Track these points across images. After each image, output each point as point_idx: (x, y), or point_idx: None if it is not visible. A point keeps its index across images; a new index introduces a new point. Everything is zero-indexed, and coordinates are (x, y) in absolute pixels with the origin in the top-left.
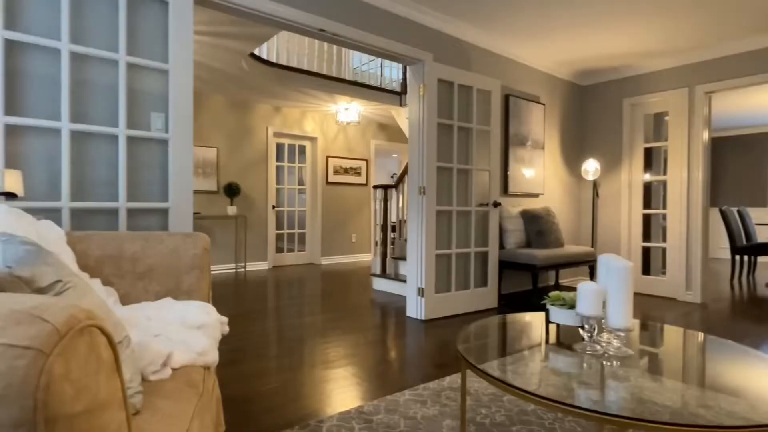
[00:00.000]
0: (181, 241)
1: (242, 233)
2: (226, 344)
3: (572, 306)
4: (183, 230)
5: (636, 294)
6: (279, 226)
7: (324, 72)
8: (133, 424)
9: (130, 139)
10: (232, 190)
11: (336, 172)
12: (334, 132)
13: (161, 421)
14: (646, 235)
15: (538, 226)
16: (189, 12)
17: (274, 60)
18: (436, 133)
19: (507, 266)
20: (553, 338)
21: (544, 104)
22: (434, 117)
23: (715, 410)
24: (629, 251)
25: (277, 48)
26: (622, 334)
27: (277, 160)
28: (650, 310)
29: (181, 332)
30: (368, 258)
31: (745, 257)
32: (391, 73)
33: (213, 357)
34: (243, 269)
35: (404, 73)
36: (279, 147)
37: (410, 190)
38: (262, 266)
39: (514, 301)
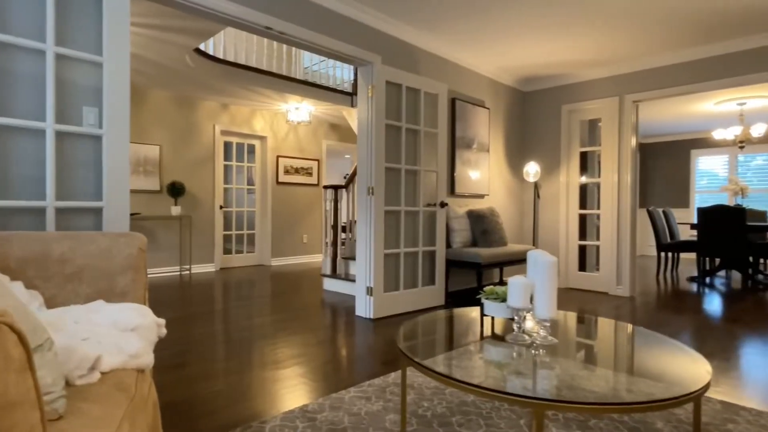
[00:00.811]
0: (115, 240)
1: (187, 234)
2: (168, 348)
3: (504, 299)
4: (119, 230)
5: (573, 289)
6: (227, 226)
7: (274, 70)
8: (55, 427)
9: (60, 135)
10: (176, 190)
11: (287, 172)
12: (285, 131)
13: (86, 425)
14: (582, 234)
15: (483, 226)
16: (125, 2)
17: (221, 56)
18: (384, 134)
19: (454, 264)
20: (488, 330)
21: (488, 108)
22: (383, 118)
23: (626, 389)
24: (567, 249)
25: (224, 44)
26: (548, 324)
27: (225, 159)
28: (585, 304)
29: (112, 335)
30: (320, 259)
31: (670, 254)
32: (343, 74)
33: (147, 360)
34: (188, 271)
35: (356, 74)
36: (227, 145)
37: (359, 191)
38: (209, 268)
39: (461, 298)
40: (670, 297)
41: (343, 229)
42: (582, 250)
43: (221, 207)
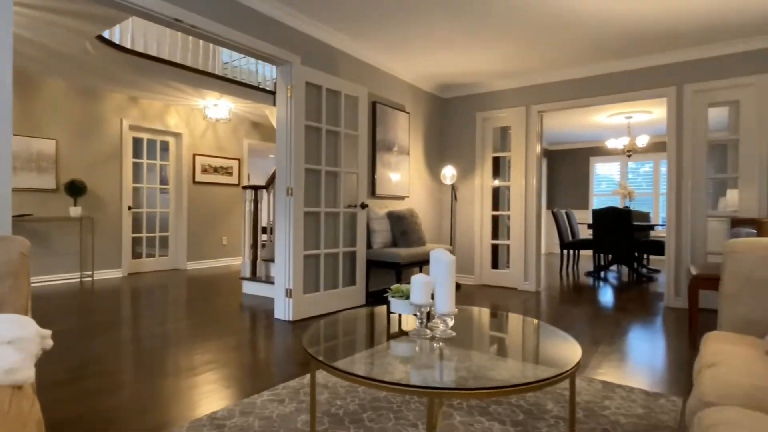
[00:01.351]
0: None
1: (89, 237)
2: (63, 361)
3: (409, 297)
4: None
5: (486, 286)
6: (137, 228)
7: (189, 64)
8: None
9: None
10: (75, 189)
11: (204, 171)
12: (202, 128)
13: None
14: (495, 234)
15: (402, 227)
16: None
17: (128, 46)
18: (304, 135)
19: (374, 265)
20: (395, 327)
21: (409, 113)
22: (302, 119)
23: (510, 374)
24: (481, 248)
25: (132, 32)
26: (447, 318)
27: (135, 156)
28: (495, 299)
29: None
30: (241, 261)
31: (571, 251)
32: (265, 71)
33: (26, 375)
34: (90, 278)
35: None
36: (137, 142)
37: (278, 192)
38: (115, 274)
39: (381, 298)
40: (570, 290)
41: (264, 231)
42: (495, 248)
43: (130, 208)
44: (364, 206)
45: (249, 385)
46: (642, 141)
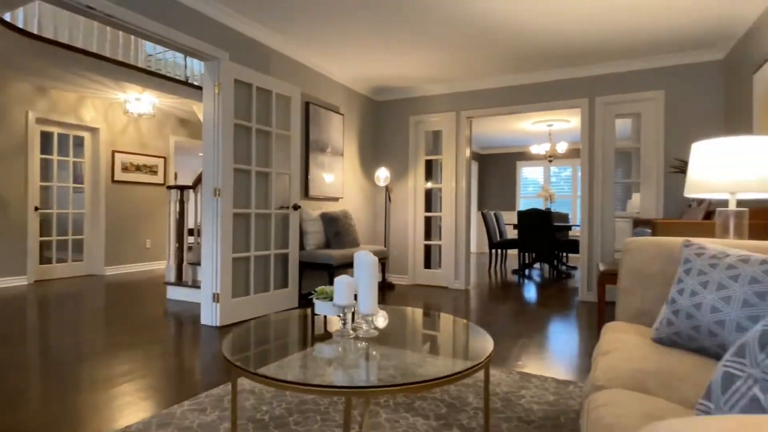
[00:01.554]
0: None
1: None
2: None
3: (332, 298)
4: None
5: (419, 285)
6: (46, 231)
7: (107, 54)
8: None
9: None
10: None
11: (125, 169)
12: (123, 123)
13: None
14: (428, 235)
15: (336, 228)
16: None
17: (34, 31)
18: (232, 134)
19: (307, 266)
20: (321, 329)
21: (343, 114)
22: (231, 117)
23: (427, 370)
24: (414, 248)
25: (39, 16)
26: (369, 318)
27: (43, 152)
28: (427, 298)
29: None
30: (165, 265)
31: (499, 251)
32: (193, 65)
33: None
34: None
35: None
36: (45, 137)
37: (205, 192)
38: (19, 281)
39: None
40: (497, 288)
41: (191, 233)
42: (427, 249)
43: (37, 208)
44: (296, 207)
45: (169, 395)
46: (561, 147)
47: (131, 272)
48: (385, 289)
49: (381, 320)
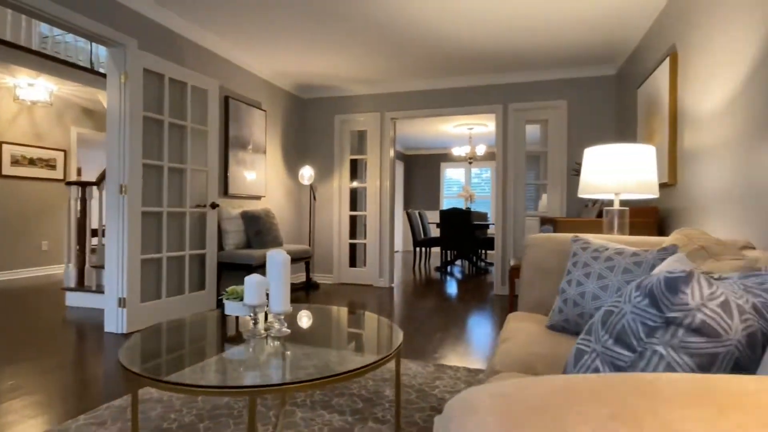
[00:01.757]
0: None
1: None
2: None
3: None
4: None
5: (344, 284)
6: None
7: None
8: None
9: None
10: None
11: (16, 162)
12: (13, 112)
13: None
14: (353, 233)
15: (257, 227)
16: None
17: None
18: (141, 127)
19: (227, 267)
20: (233, 330)
21: (265, 111)
22: (139, 109)
23: (339, 364)
24: (339, 247)
25: None
26: (281, 317)
27: None
28: (351, 296)
29: None
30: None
31: (424, 249)
32: (98, 50)
33: None
34: None
35: None
36: None
37: (109, 189)
38: None
39: None
40: (420, 284)
41: (95, 234)
42: (352, 247)
43: None
44: (214, 206)
45: (64, 410)
46: (481, 150)
47: (24, 278)
48: (309, 289)
49: (305, 320)
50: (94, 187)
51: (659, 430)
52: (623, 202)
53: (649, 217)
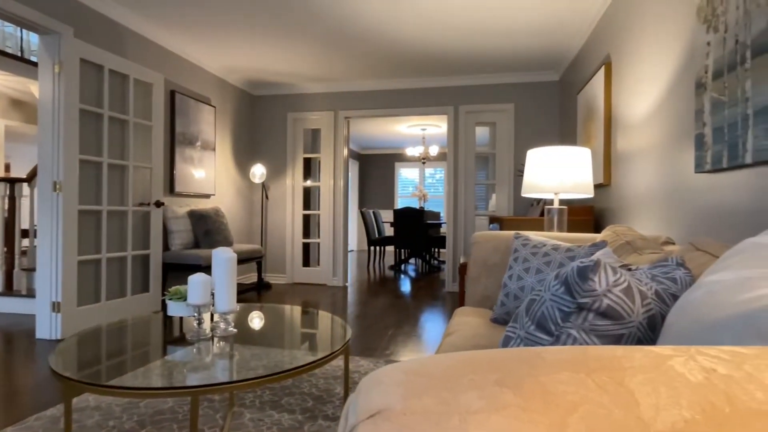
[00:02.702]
0: None
1: None
2: None
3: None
4: None
5: (298, 284)
6: None
7: None
8: None
9: None
10: None
11: None
12: None
13: None
14: (306, 233)
15: (206, 226)
16: None
17: None
18: (78, 120)
19: (174, 268)
20: (177, 331)
21: (215, 107)
22: (76, 101)
23: (288, 361)
24: (293, 247)
25: None
26: (227, 316)
27: None
28: (305, 296)
29: None
30: None
31: (378, 247)
32: (30, 37)
33: None
34: None
35: None
36: None
37: (42, 186)
38: None
39: None
40: (374, 283)
41: (26, 234)
42: (306, 247)
43: None
44: (159, 204)
45: None
46: (434, 150)
47: None
48: (261, 289)
49: (253, 320)
50: (25, 184)
51: (535, 391)
52: (564, 201)
53: (586, 215)
